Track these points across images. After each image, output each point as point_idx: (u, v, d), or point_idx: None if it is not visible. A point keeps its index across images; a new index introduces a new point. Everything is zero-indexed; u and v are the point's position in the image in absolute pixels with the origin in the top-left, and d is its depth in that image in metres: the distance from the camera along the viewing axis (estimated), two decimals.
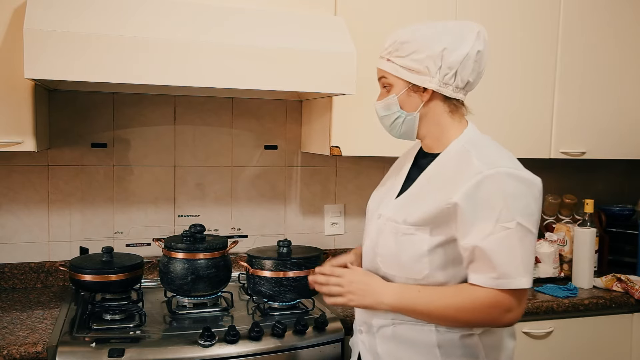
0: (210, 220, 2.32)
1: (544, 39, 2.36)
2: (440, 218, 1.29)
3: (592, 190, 2.86)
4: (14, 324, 1.72)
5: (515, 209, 1.23)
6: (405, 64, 1.34)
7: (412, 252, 1.33)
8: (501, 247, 1.23)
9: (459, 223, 1.27)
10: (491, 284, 1.24)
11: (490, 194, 1.24)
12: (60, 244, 2.16)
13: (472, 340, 1.35)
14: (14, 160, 2.09)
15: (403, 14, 2.14)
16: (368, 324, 1.45)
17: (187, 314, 1.87)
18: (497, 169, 1.25)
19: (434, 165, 1.39)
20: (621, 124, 2.52)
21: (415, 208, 1.34)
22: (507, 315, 1.26)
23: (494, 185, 1.24)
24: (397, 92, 1.38)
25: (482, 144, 1.36)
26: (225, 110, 2.33)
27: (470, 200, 1.25)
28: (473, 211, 1.25)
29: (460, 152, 1.35)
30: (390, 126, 1.43)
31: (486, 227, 1.23)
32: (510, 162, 1.29)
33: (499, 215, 1.23)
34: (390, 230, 1.38)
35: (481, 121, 2.28)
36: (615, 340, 2.20)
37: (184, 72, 1.66)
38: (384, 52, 1.39)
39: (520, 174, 1.27)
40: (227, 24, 1.78)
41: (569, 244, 2.37)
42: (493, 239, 1.23)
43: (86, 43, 1.56)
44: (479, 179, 1.25)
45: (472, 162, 1.28)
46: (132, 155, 2.22)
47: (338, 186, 2.51)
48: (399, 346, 1.39)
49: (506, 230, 1.22)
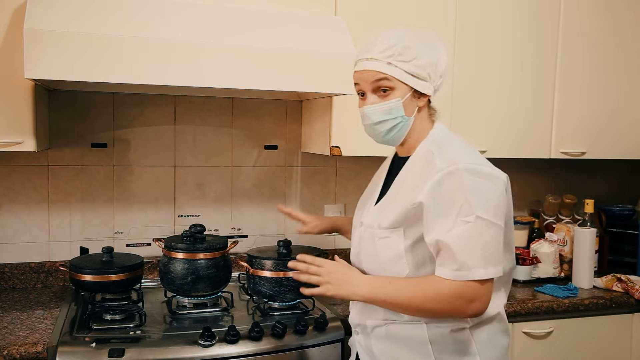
0: (210, 220, 2.32)
1: (544, 39, 2.36)
2: (410, 219, 1.34)
3: (592, 190, 2.86)
4: (14, 324, 1.72)
5: (475, 203, 1.26)
6: (410, 69, 1.35)
7: (390, 254, 1.38)
8: (461, 240, 1.26)
9: (424, 220, 1.31)
10: (452, 276, 1.27)
11: (450, 189, 1.28)
12: (61, 244, 2.16)
13: (463, 335, 1.37)
14: (14, 160, 2.09)
15: (403, 14, 2.14)
16: (362, 325, 1.48)
17: (187, 314, 1.87)
18: (457, 166, 1.29)
19: (404, 168, 1.43)
20: (621, 124, 2.52)
21: (389, 212, 1.39)
22: (471, 306, 1.28)
23: (454, 181, 1.28)
24: (401, 96, 1.37)
25: (445, 143, 1.39)
26: (225, 110, 2.33)
27: (433, 197, 1.29)
28: (435, 208, 1.29)
29: (425, 153, 1.39)
30: (385, 131, 1.40)
31: (447, 222, 1.27)
32: (470, 158, 1.33)
33: (459, 209, 1.27)
34: (368, 236, 1.44)
35: (481, 121, 2.30)
36: (615, 340, 2.20)
37: (184, 72, 1.66)
38: (380, 55, 1.35)
39: (480, 169, 1.30)
40: (227, 24, 1.78)
41: (569, 244, 2.37)
42: (454, 233, 1.27)
43: (86, 43, 1.56)
44: (439, 176, 1.30)
45: (434, 162, 1.33)
46: (132, 155, 2.22)
47: (338, 186, 2.51)
48: (393, 345, 1.42)
49: (466, 224, 1.26)
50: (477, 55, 2.26)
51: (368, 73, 1.37)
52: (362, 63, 1.39)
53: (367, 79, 1.38)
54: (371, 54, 1.36)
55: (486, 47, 2.28)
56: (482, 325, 1.39)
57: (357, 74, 1.41)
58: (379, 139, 1.44)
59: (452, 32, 2.21)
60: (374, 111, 1.39)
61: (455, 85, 2.23)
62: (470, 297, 1.27)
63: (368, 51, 1.37)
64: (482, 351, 1.39)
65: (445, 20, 2.20)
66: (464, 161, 1.30)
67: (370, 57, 1.37)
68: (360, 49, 1.41)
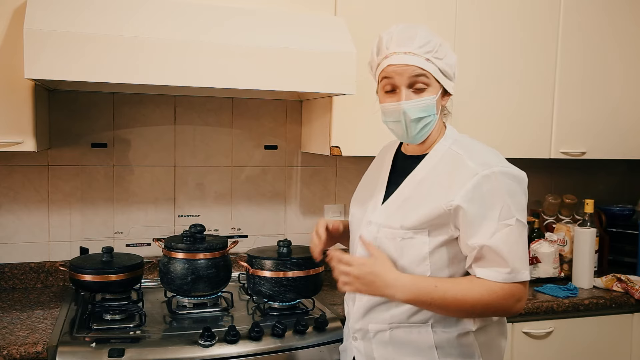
0: (210, 220, 2.33)
1: (544, 38, 2.36)
2: (439, 220, 1.32)
3: (592, 190, 2.86)
4: (14, 324, 1.72)
5: (513, 206, 1.29)
6: (442, 67, 1.34)
7: (414, 256, 1.34)
8: (506, 244, 1.28)
9: (463, 225, 1.30)
10: (504, 279, 1.29)
11: (490, 193, 1.29)
12: (60, 244, 2.16)
13: (468, 339, 1.37)
14: (14, 160, 2.09)
15: (403, 14, 2.14)
16: (364, 330, 1.44)
17: (187, 314, 1.87)
18: (492, 169, 1.30)
19: (422, 168, 1.40)
20: (621, 124, 2.52)
21: (412, 212, 1.35)
22: (517, 305, 1.32)
23: (492, 184, 1.29)
24: (434, 94, 1.35)
25: (468, 144, 1.39)
26: (225, 110, 2.33)
27: (471, 201, 1.29)
28: (476, 212, 1.28)
29: (449, 154, 1.38)
30: (420, 128, 1.36)
31: (490, 225, 1.28)
32: (499, 160, 1.34)
33: (500, 213, 1.28)
34: (386, 236, 1.38)
35: (481, 121, 2.30)
36: (615, 340, 2.20)
37: (183, 72, 1.66)
38: (420, 50, 1.31)
39: (511, 172, 1.32)
40: (227, 24, 1.78)
41: (569, 244, 2.37)
42: (498, 237, 1.28)
43: (86, 43, 1.56)
44: (477, 179, 1.29)
45: (466, 164, 1.32)
46: (132, 155, 2.22)
47: (338, 186, 2.51)
48: (396, 350, 1.39)
49: (508, 227, 1.28)
50: (477, 55, 2.26)
51: (408, 67, 1.32)
52: (398, 57, 1.32)
53: (404, 73, 1.32)
54: (409, 47, 1.31)
55: (486, 47, 2.28)
56: (485, 329, 1.39)
57: (393, 67, 1.33)
58: (409, 136, 1.38)
59: (452, 31, 2.21)
60: (413, 107, 1.33)
61: (455, 85, 2.22)
62: (518, 297, 1.31)
63: (404, 45, 1.32)
64: (484, 354, 1.39)
65: (445, 20, 2.20)
66: (498, 164, 1.31)
67: (409, 51, 1.31)
68: (394, 42, 1.34)
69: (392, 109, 1.36)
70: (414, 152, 1.45)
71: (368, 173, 1.61)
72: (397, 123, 1.37)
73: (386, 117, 1.39)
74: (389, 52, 1.34)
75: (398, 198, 1.40)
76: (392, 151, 1.54)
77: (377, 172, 1.54)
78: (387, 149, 1.58)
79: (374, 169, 1.59)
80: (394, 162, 1.50)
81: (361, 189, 1.59)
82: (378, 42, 1.39)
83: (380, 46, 1.38)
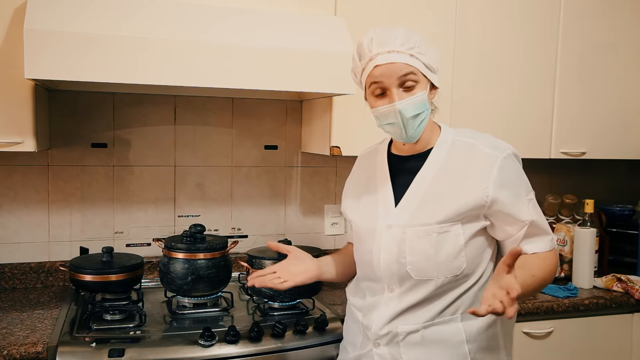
0: (210, 220, 2.32)
1: (544, 38, 2.36)
2: (473, 212, 1.35)
3: (592, 190, 2.86)
4: (14, 324, 1.72)
5: (526, 182, 1.41)
6: (426, 61, 1.33)
7: (451, 249, 1.35)
8: (539, 215, 1.40)
9: (502, 210, 1.35)
10: (551, 246, 1.41)
11: (512, 174, 1.37)
12: (61, 244, 2.16)
13: (494, 330, 1.41)
14: (14, 160, 2.09)
15: (403, 13, 2.14)
16: (392, 334, 1.39)
17: (187, 314, 1.87)
18: (506, 151, 1.37)
19: (431, 164, 1.40)
20: (621, 124, 2.52)
21: (440, 206, 1.35)
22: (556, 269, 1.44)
23: (510, 165, 1.37)
24: (424, 89, 1.34)
25: (472, 133, 1.44)
26: (225, 110, 2.33)
27: (502, 186, 1.34)
28: (509, 194, 1.35)
29: (458, 145, 1.40)
30: (416, 125, 1.35)
31: (523, 202, 1.37)
32: (501, 141, 1.42)
33: (524, 190, 1.39)
34: (417, 235, 1.35)
35: (481, 121, 2.30)
36: (615, 340, 2.20)
37: (183, 72, 1.66)
38: (402, 47, 1.30)
39: (515, 151, 1.41)
40: (227, 24, 1.78)
41: (569, 244, 2.37)
42: (532, 211, 1.38)
43: (86, 43, 1.56)
44: (499, 164, 1.35)
45: (483, 151, 1.37)
46: (132, 155, 2.22)
47: (338, 186, 2.50)
48: (427, 351, 1.37)
49: (531, 201, 1.39)
50: (477, 54, 2.26)
51: (394, 66, 1.29)
52: (383, 56, 1.30)
53: (392, 74, 1.30)
54: (392, 46, 1.30)
55: (486, 47, 2.28)
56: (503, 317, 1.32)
57: (380, 68, 1.30)
58: (408, 135, 1.36)
59: (452, 31, 2.21)
60: (408, 105, 1.32)
61: (455, 85, 2.23)
62: (557, 260, 1.44)
63: (387, 44, 1.30)
64: (506, 343, 1.45)
65: (445, 20, 2.20)
66: (505, 145, 1.39)
67: (392, 50, 1.30)
68: (375, 44, 1.31)
69: (386, 112, 1.33)
70: (411, 151, 1.44)
71: (356, 181, 1.58)
72: (393, 125, 1.35)
73: (381, 121, 1.37)
74: (372, 54, 1.32)
75: (414, 196, 1.39)
76: (382, 155, 1.51)
77: (369, 177, 1.51)
78: (369, 156, 1.56)
79: (362, 177, 1.55)
80: (390, 164, 1.48)
81: (354, 198, 1.54)
82: (358, 48, 1.36)
83: (361, 51, 1.35)
